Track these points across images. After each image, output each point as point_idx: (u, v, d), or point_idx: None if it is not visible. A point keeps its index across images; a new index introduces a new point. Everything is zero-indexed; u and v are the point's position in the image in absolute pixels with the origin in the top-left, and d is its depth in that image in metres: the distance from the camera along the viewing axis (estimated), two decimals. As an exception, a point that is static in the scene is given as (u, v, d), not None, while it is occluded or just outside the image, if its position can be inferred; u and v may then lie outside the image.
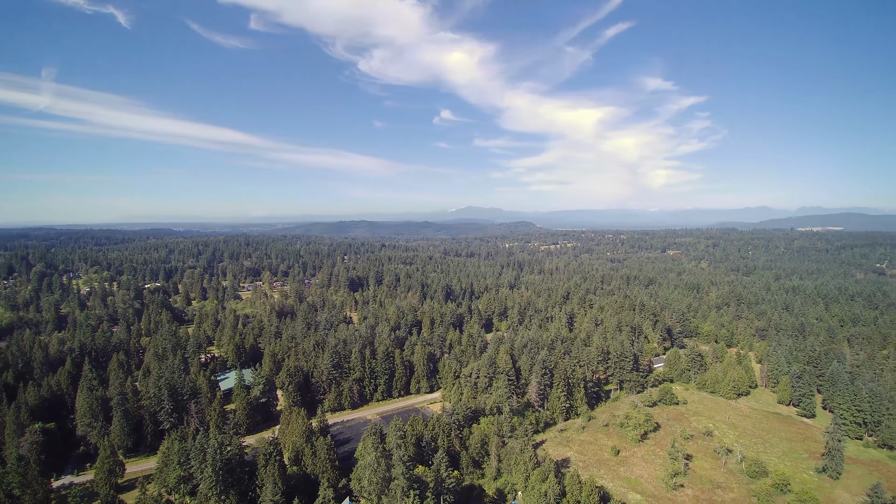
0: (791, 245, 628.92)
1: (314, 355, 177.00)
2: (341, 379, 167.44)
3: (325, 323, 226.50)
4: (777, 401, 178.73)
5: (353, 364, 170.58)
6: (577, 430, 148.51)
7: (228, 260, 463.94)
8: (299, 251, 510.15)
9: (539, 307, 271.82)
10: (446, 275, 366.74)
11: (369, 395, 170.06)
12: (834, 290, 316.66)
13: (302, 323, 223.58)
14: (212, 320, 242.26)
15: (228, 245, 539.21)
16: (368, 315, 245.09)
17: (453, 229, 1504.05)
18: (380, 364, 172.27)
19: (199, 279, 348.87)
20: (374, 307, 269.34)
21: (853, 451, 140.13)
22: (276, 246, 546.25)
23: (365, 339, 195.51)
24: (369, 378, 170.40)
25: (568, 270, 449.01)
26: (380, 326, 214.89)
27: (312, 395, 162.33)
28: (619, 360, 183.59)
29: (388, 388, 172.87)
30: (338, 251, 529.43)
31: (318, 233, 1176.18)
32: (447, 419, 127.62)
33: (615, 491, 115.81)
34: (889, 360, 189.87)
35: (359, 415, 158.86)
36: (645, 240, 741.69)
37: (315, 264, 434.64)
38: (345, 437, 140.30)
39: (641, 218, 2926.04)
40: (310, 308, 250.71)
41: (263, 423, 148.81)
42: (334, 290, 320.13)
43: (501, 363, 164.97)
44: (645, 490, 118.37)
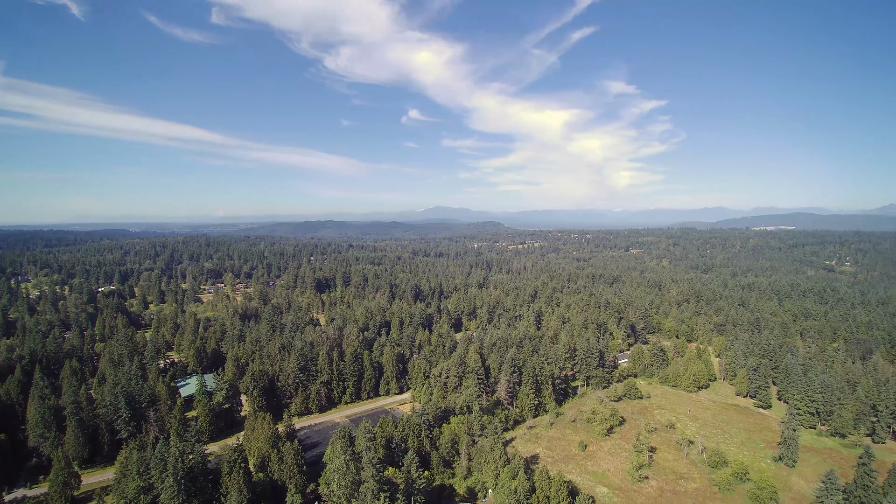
0: (746, 244, 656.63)
1: (280, 358, 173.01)
2: (308, 382, 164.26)
3: (291, 325, 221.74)
4: (735, 393, 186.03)
5: (320, 367, 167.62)
6: (545, 426, 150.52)
7: (188, 261, 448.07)
8: (263, 252, 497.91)
9: (508, 306, 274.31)
10: (415, 275, 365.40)
11: (337, 397, 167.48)
12: (787, 287, 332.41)
13: (266, 326, 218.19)
14: (171, 324, 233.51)
15: (188, 246, 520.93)
16: (336, 316, 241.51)
17: (422, 229, 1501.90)
18: (348, 366, 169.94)
19: (157, 282, 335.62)
20: (342, 308, 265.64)
21: (807, 439, 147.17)
22: (238, 247, 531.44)
23: (332, 341, 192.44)
24: (337, 380, 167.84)
25: (536, 269, 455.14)
26: (348, 328, 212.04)
27: (278, 400, 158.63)
28: (585, 356, 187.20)
29: (356, 391, 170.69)
30: (304, 252, 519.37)
31: (283, 233, 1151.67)
32: (417, 420, 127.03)
33: (583, 485, 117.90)
34: (839, 353, 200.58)
35: (327, 418, 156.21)
36: (609, 239, 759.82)
37: (280, 265, 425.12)
38: (312, 441, 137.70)
39: (606, 218, 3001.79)
40: (275, 310, 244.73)
41: (227, 430, 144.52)
42: (300, 291, 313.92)
43: (471, 362, 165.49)
44: (611, 483, 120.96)
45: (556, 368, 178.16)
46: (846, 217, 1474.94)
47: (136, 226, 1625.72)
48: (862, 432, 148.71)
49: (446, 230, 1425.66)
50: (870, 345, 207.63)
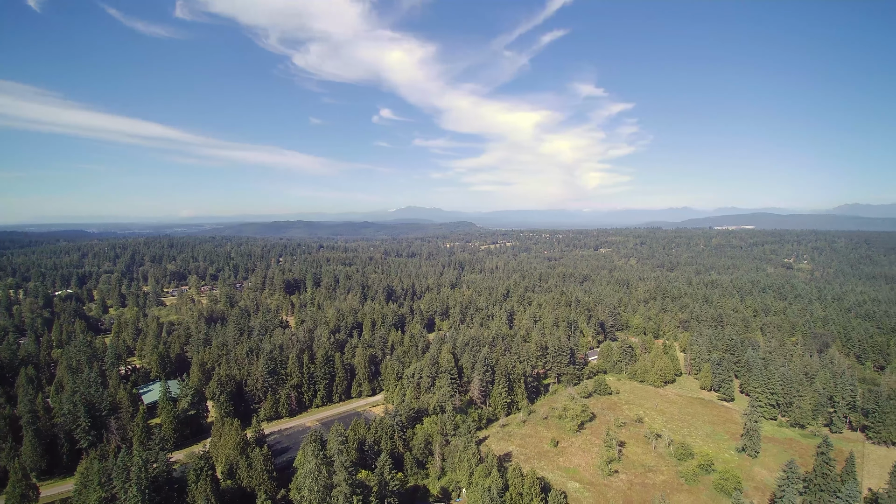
0: (710, 243, 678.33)
1: (248, 362, 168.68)
2: (278, 386, 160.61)
3: (260, 328, 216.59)
4: (700, 387, 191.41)
5: (290, 370, 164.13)
6: (518, 424, 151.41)
7: (150, 263, 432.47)
8: (230, 253, 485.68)
9: (480, 306, 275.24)
10: (387, 275, 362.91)
11: (308, 401, 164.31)
12: (748, 284, 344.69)
13: (234, 329, 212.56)
14: (132, 329, 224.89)
15: (150, 247, 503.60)
16: (306, 318, 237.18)
17: (394, 229, 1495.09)
18: (319, 369, 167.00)
19: (117, 285, 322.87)
20: (312, 310, 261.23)
21: (769, 430, 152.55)
22: (203, 248, 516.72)
23: (303, 344, 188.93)
24: (308, 384, 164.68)
25: (507, 269, 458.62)
26: (318, 330, 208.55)
27: (246, 405, 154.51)
28: (556, 354, 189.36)
29: (328, 394, 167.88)
30: (272, 252, 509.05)
31: (251, 234, 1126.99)
32: (390, 421, 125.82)
33: (555, 481, 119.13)
34: (797, 347, 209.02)
35: (297, 422, 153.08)
36: (579, 239, 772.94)
37: (248, 267, 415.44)
38: (283, 446, 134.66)
39: (576, 218, 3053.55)
40: (242, 313, 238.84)
41: (193, 437, 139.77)
42: (269, 293, 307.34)
43: (444, 362, 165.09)
44: (583, 478, 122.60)
45: (529, 367, 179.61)
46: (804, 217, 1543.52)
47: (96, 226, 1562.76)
48: (820, 423, 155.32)
49: (419, 230, 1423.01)
50: (826, 339, 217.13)
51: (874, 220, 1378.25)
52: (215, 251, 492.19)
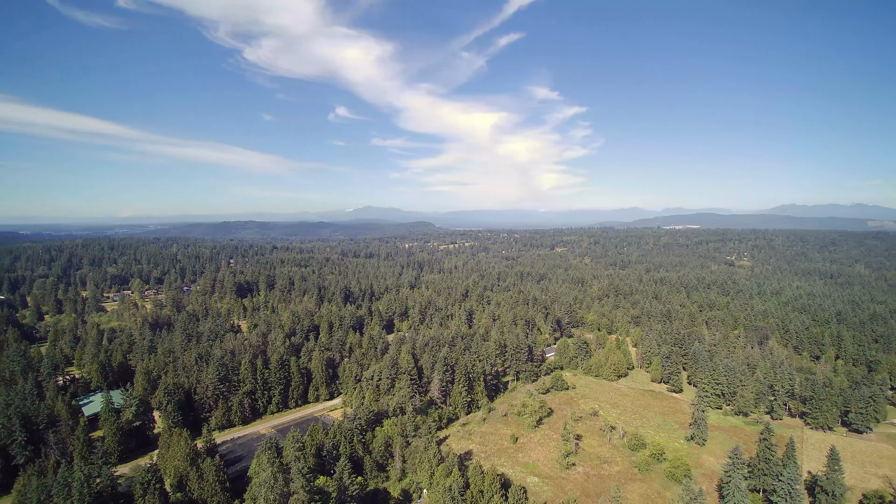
0: (658, 242, 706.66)
1: (197, 370, 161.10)
2: (230, 393, 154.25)
3: (209, 333, 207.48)
4: (651, 379, 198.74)
5: (242, 376, 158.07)
6: (478, 422, 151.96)
7: (89, 267, 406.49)
8: (176, 255, 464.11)
9: (439, 305, 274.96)
10: (345, 276, 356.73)
11: (262, 408, 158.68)
12: (694, 280, 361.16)
13: (181, 335, 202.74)
14: (70, 337, 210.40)
15: (88, 250, 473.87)
16: (259, 322, 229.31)
17: (351, 230, 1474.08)
18: (273, 374, 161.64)
19: (53, 290, 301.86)
20: (266, 313, 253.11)
21: (715, 419, 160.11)
22: (147, 250, 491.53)
23: (256, 349, 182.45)
24: (262, 390, 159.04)
25: (466, 269, 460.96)
26: (273, 334, 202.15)
27: (196, 414, 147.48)
28: (515, 352, 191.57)
29: (283, 399, 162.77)
30: (223, 254, 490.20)
31: (199, 234, 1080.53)
32: (349, 425, 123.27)
33: (515, 476, 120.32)
34: (740, 339, 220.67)
35: (252, 430, 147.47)
36: (536, 238, 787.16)
37: (195, 269, 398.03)
38: (236, 455, 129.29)
39: (533, 218, 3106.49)
40: (190, 318, 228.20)
41: (139, 449, 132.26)
42: (219, 297, 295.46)
43: (403, 363, 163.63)
44: (541, 472, 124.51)
45: (488, 365, 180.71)
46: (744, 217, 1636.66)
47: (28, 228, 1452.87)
48: (762, 410, 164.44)
49: (377, 230, 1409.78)
50: (766, 331, 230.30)
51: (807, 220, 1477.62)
52: (160, 253, 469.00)
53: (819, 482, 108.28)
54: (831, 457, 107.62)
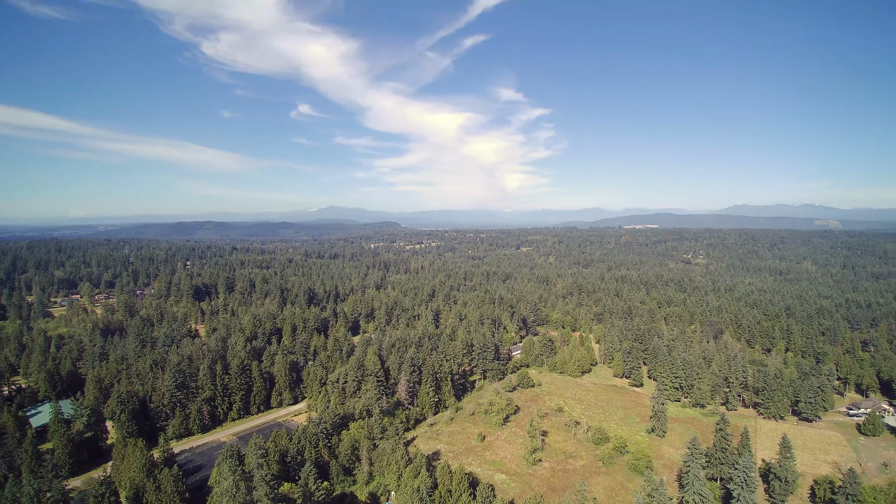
0: (619, 241, 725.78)
1: (152, 377, 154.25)
2: (187, 400, 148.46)
3: (165, 339, 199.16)
4: (613, 374, 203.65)
5: (201, 382, 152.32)
6: (445, 422, 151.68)
7: (34, 270, 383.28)
8: (129, 257, 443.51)
9: (406, 306, 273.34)
10: (308, 278, 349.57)
11: (223, 414, 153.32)
12: (653, 278, 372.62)
13: (134, 341, 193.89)
14: (15, 344, 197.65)
15: (34, 252, 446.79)
16: (219, 326, 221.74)
17: (315, 230, 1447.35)
18: (234, 379, 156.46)
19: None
20: (226, 317, 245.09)
21: (674, 411, 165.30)
22: (98, 252, 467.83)
23: (215, 354, 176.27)
24: (222, 396, 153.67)
25: (433, 269, 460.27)
26: (233, 338, 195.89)
27: (152, 423, 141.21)
28: (482, 351, 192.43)
29: (245, 405, 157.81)
30: (179, 256, 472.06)
31: (153, 235, 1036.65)
32: (314, 429, 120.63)
33: (482, 475, 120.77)
34: (696, 334, 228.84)
35: (212, 438, 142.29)
36: (502, 238, 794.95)
37: (150, 272, 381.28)
38: (196, 464, 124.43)
39: (499, 218, 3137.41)
40: (144, 323, 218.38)
41: (91, 462, 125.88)
42: (175, 300, 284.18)
43: (370, 365, 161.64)
44: (509, 469, 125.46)
45: (455, 364, 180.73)
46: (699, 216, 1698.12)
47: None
48: (717, 402, 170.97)
49: (341, 231, 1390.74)
50: (720, 326, 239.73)
51: (758, 219, 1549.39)
52: (111, 255, 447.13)
53: (773, 469, 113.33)
54: (783, 445, 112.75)
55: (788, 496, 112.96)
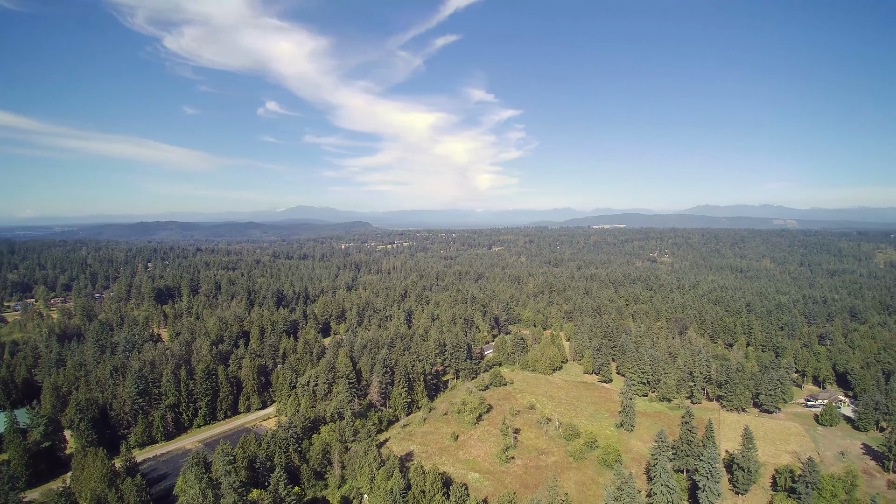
0: (589, 240, 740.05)
1: (112, 383, 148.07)
2: (150, 407, 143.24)
3: (126, 344, 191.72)
4: (583, 371, 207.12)
5: (164, 388, 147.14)
6: (418, 422, 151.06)
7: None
8: (86, 259, 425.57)
9: (378, 307, 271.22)
10: (277, 279, 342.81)
11: (188, 421, 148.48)
12: (621, 276, 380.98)
13: (93, 346, 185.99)
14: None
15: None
16: (182, 330, 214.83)
17: (284, 230, 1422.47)
18: (199, 384, 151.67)
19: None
20: (190, 320, 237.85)
21: (641, 406, 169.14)
22: (53, 253, 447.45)
23: (179, 358, 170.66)
24: (187, 402, 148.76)
25: (405, 269, 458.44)
26: (198, 342, 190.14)
27: (113, 431, 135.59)
28: (454, 350, 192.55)
29: (211, 411, 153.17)
30: (139, 257, 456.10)
31: (112, 236, 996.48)
32: (284, 434, 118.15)
33: (456, 474, 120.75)
34: (662, 330, 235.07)
35: (177, 445, 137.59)
36: (474, 238, 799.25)
37: (109, 274, 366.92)
38: (160, 473, 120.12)
39: (471, 217, 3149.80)
40: (103, 327, 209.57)
41: (50, 472, 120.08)
42: (136, 303, 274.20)
43: (341, 367, 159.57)
44: (482, 468, 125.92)
45: (428, 365, 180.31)
46: (665, 216, 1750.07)
47: None
48: (683, 395, 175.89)
49: (311, 231, 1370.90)
50: (685, 322, 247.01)
51: (720, 219, 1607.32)
52: (68, 257, 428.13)
53: (736, 460, 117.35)
54: (745, 436, 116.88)
55: (751, 485, 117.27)
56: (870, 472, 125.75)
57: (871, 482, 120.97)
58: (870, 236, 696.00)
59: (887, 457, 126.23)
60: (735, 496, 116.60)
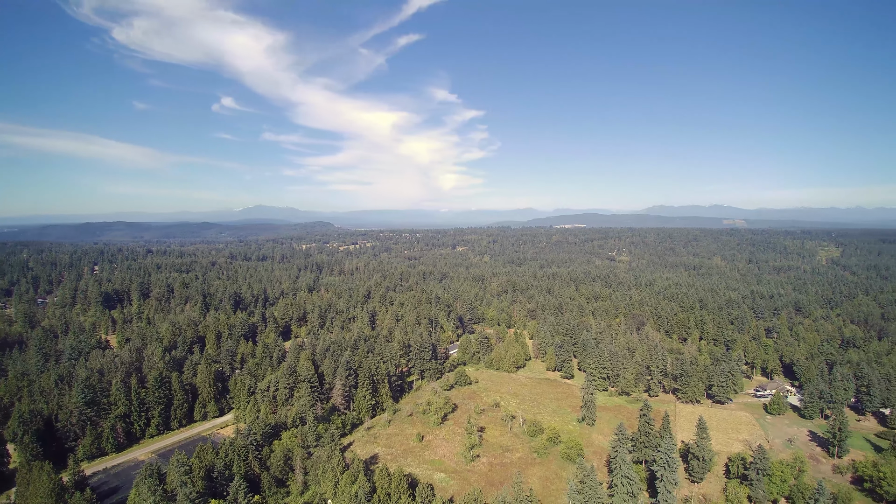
0: (550, 240, 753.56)
1: (58, 393, 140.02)
2: (99, 418, 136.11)
3: (71, 351, 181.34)
4: (546, 368, 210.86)
5: (114, 397, 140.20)
6: (383, 424, 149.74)
7: None
8: (27, 262, 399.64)
9: (341, 308, 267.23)
10: (234, 282, 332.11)
11: (140, 431, 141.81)
12: (581, 275, 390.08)
13: (36, 354, 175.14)
14: None
15: None
16: (133, 336, 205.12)
17: (241, 230, 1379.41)
18: (152, 393, 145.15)
19: None
20: (141, 326, 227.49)
21: (602, 400, 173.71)
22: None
23: (130, 366, 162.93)
24: (139, 411, 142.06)
25: (368, 270, 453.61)
26: (149, 348, 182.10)
27: (60, 444, 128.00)
28: (419, 351, 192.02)
29: (164, 420, 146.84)
30: (85, 260, 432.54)
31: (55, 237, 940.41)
32: (243, 441, 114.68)
33: (422, 475, 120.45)
34: (621, 326, 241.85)
35: (129, 457, 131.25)
36: (438, 238, 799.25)
37: (52, 278, 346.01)
38: (111, 486, 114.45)
39: (435, 217, 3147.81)
40: (47, 334, 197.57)
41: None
42: (82, 309, 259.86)
43: (303, 370, 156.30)
44: (448, 467, 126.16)
45: (392, 366, 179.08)
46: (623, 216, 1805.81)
47: None
48: (641, 389, 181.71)
49: (270, 231, 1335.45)
50: (642, 318, 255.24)
51: (674, 219, 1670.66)
52: (7, 260, 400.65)
53: (691, 450, 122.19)
54: (700, 426, 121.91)
55: (706, 473, 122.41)
56: (816, 458, 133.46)
57: (818, 467, 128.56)
58: (812, 235, 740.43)
59: (832, 443, 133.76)
60: (691, 484, 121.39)
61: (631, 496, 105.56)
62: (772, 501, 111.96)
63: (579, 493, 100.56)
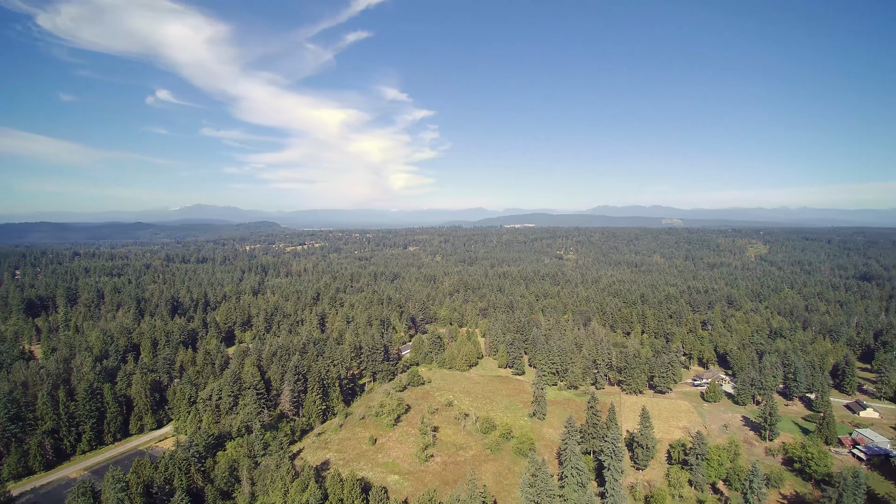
0: (501, 239, 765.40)
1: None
2: (24, 434, 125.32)
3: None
4: (498, 365, 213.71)
5: (40, 412, 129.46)
6: (334, 429, 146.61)
7: None
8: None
9: (288, 311, 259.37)
10: (171, 285, 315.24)
11: (70, 447, 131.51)
12: (531, 273, 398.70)
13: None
14: None
15: None
16: (59, 346, 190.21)
17: (178, 231, 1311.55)
18: (82, 406, 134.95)
19: None
20: (68, 334, 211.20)
21: (552, 395, 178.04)
22: None
23: (57, 378, 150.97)
24: (68, 426, 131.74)
25: (317, 271, 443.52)
26: (78, 358, 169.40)
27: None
28: (371, 353, 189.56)
29: (97, 435, 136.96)
30: (5, 264, 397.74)
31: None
32: (184, 453, 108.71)
33: (375, 478, 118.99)
34: (569, 322, 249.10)
35: (59, 475, 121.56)
36: (389, 238, 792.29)
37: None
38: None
39: (385, 217, 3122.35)
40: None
41: None
42: (2, 317, 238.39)
43: (248, 377, 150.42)
44: (401, 469, 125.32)
45: (343, 369, 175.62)
46: (569, 216, 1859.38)
47: None
48: (588, 382, 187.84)
49: (211, 231, 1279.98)
50: (589, 314, 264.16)
51: (617, 219, 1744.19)
52: None
53: (636, 439, 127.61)
54: (643, 416, 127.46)
55: (650, 460, 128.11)
56: (749, 442, 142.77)
57: (751, 450, 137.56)
58: (742, 233, 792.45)
59: (764, 427, 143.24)
60: (636, 472, 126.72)
61: (581, 486, 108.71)
62: (710, 484, 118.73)
63: (531, 487, 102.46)
